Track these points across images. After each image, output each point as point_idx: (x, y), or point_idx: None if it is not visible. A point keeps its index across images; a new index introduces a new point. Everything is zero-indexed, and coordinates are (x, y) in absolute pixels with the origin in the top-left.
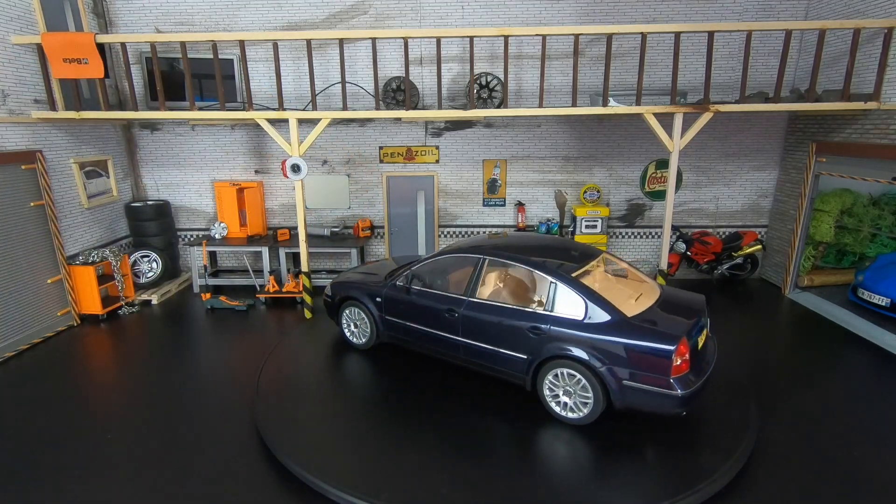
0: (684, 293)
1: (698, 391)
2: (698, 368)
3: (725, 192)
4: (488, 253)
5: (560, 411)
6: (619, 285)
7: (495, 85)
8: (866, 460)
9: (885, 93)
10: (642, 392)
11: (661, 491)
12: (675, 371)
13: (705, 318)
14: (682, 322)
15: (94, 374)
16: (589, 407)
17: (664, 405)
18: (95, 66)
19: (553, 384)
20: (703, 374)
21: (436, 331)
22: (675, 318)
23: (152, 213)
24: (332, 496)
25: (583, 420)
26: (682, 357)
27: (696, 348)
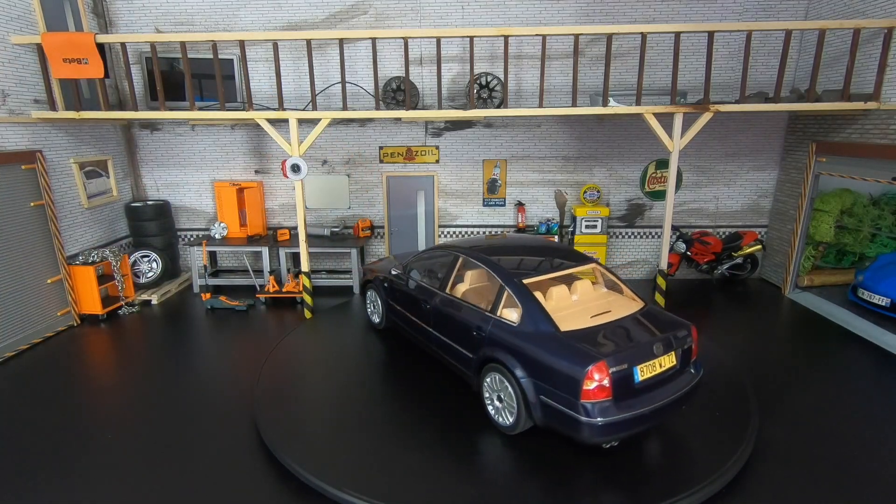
0: (669, 319)
1: (624, 424)
2: (632, 400)
3: (725, 192)
4: (464, 251)
5: (494, 415)
6: (588, 298)
7: (495, 85)
8: (866, 460)
9: (885, 93)
10: (554, 411)
11: (661, 491)
12: (586, 395)
13: (674, 347)
14: (620, 346)
15: (94, 375)
16: (513, 416)
17: (575, 430)
18: (95, 66)
19: (490, 387)
20: (641, 407)
21: (416, 319)
22: (619, 342)
23: (152, 213)
24: (331, 496)
25: (510, 429)
26: (597, 382)
27: (632, 377)
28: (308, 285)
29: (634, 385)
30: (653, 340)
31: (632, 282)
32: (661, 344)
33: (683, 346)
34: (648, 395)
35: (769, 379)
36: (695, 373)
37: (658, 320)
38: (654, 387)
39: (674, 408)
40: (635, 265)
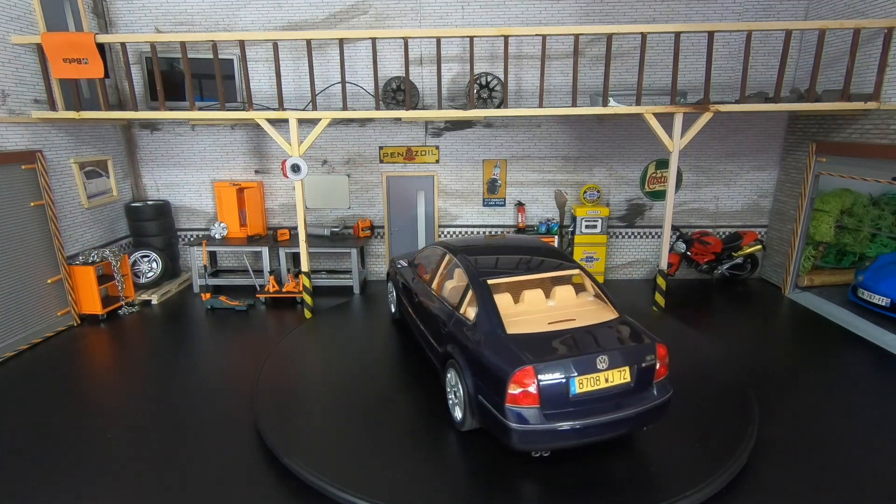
0: (634, 334)
1: (552, 435)
2: (565, 411)
3: (725, 192)
4: (451, 248)
5: (451, 408)
6: (563, 304)
7: (495, 85)
8: (866, 460)
9: (885, 93)
10: (488, 412)
11: (661, 491)
12: (512, 399)
13: (628, 363)
14: (558, 355)
15: (94, 375)
16: (461, 413)
17: (502, 435)
18: (95, 66)
19: (449, 381)
20: (575, 420)
21: (412, 311)
22: (561, 350)
23: (152, 213)
24: (331, 496)
25: (459, 424)
26: (523, 387)
27: (568, 388)
28: (308, 285)
29: (570, 397)
30: (599, 353)
31: (632, 282)
32: (608, 358)
33: (641, 364)
34: (586, 409)
35: (769, 379)
36: (657, 394)
37: (621, 334)
38: (595, 402)
39: (621, 427)
40: (635, 265)
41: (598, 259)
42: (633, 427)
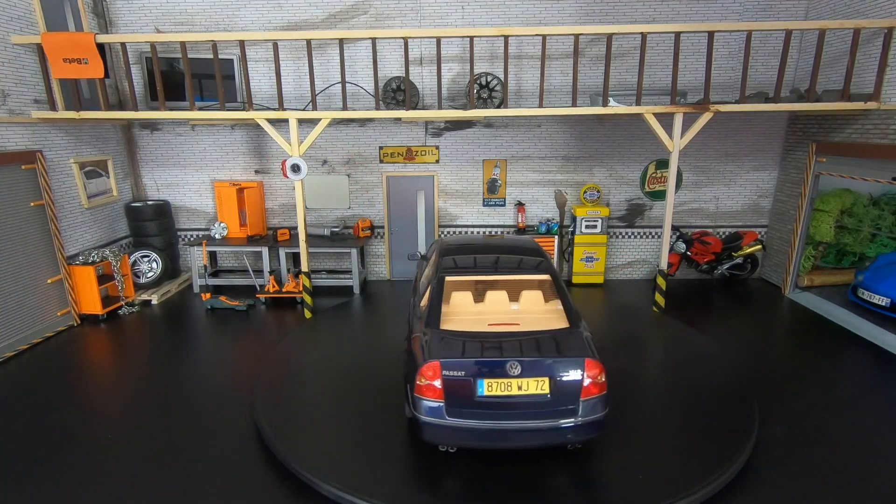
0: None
1: (456, 432)
2: (471, 411)
3: (725, 192)
4: (441, 244)
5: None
6: (521, 306)
7: (495, 85)
8: (866, 460)
9: (885, 93)
10: (408, 401)
11: (660, 491)
12: (418, 391)
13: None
14: (470, 354)
15: (94, 375)
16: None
17: (413, 424)
18: (95, 66)
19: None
20: (480, 421)
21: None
22: (476, 351)
23: (152, 213)
24: (331, 496)
25: (407, 412)
26: (428, 380)
27: (474, 389)
28: (308, 285)
29: (477, 397)
30: (512, 360)
31: (632, 282)
32: (521, 365)
33: (562, 377)
34: (494, 412)
35: (769, 379)
36: (581, 412)
37: (556, 345)
38: (504, 407)
39: (534, 438)
40: (635, 265)
41: (598, 259)
42: (550, 441)
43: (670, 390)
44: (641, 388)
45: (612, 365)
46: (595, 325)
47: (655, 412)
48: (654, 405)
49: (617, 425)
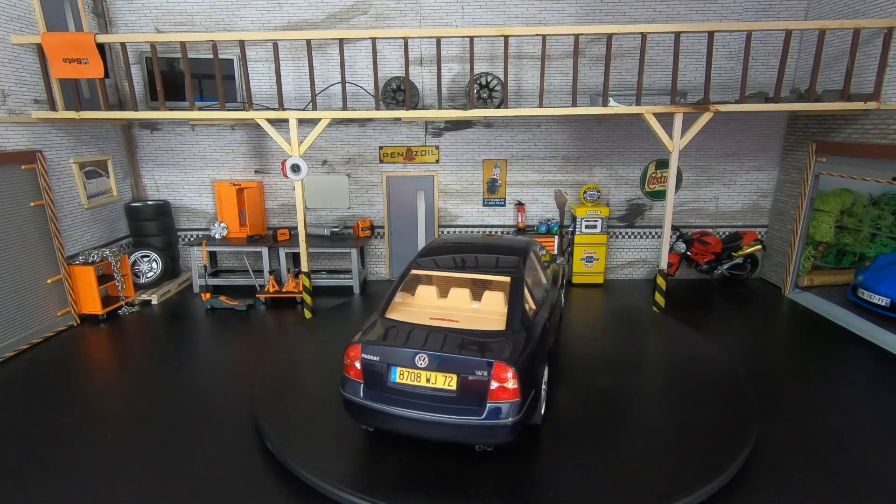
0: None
1: (370, 413)
2: (384, 395)
3: (725, 192)
4: (430, 242)
5: None
6: (481, 305)
7: (495, 85)
8: (866, 460)
9: (885, 93)
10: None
11: (660, 491)
12: (345, 369)
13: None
14: (387, 342)
15: (94, 375)
16: None
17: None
18: (95, 66)
19: None
20: (390, 406)
21: None
22: (396, 340)
23: (152, 213)
24: (331, 496)
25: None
26: (350, 360)
27: (388, 374)
28: (308, 285)
29: (389, 383)
30: (421, 352)
31: (632, 282)
32: (428, 358)
33: (469, 377)
34: (404, 400)
35: (769, 379)
36: (485, 415)
37: (477, 345)
38: (413, 396)
39: (442, 431)
40: (635, 265)
41: (598, 259)
42: (455, 438)
43: (670, 390)
44: (641, 387)
45: (612, 365)
46: (595, 325)
47: (655, 412)
48: (653, 405)
49: (617, 425)
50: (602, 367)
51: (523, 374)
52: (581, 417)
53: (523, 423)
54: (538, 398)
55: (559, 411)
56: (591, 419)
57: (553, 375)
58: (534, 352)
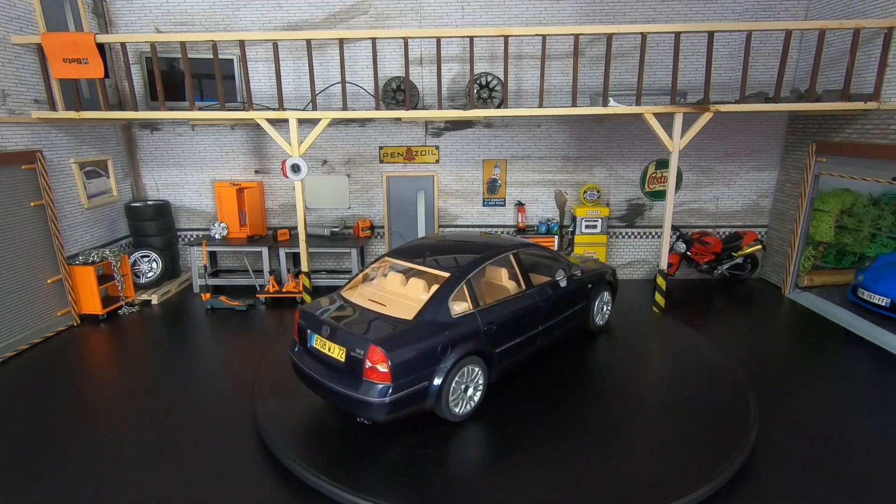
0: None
1: (298, 370)
2: (306, 357)
3: (725, 192)
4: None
5: None
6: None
7: (495, 85)
8: (866, 460)
9: (885, 93)
10: None
11: (661, 491)
12: (293, 329)
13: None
14: (315, 314)
15: (94, 375)
16: None
17: None
18: (95, 66)
19: None
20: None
21: None
22: (325, 314)
23: (152, 213)
24: (332, 495)
25: None
26: (294, 323)
27: (309, 339)
28: (308, 285)
29: (308, 345)
30: (327, 325)
31: (632, 282)
32: (329, 330)
33: (351, 352)
34: (314, 364)
35: (769, 379)
36: (359, 390)
37: (368, 325)
38: (319, 361)
39: (335, 399)
40: (635, 265)
41: (598, 259)
42: (342, 405)
43: (670, 390)
44: (641, 387)
45: (611, 365)
46: None
47: (655, 412)
48: (653, 405)
49: (616, 424)
50: (602, 366)
51: (400, 361)
52: (581, 417)
53: (404, 409)
54: (440, 391)
55: (559, 411)
56: (590, 419)
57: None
58: (436, 347)
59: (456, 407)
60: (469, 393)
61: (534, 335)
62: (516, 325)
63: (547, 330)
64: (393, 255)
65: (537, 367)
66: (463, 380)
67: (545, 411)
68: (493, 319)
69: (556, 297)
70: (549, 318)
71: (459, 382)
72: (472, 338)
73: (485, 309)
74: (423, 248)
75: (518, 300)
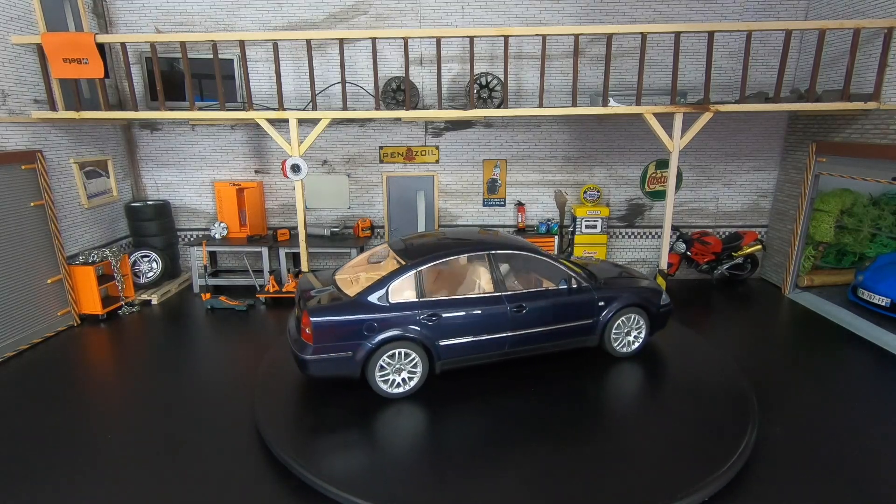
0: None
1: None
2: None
3: (725, 192)
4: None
5: None
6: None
7: (495, 85)
8: (866, 460)
9: (885, 93)
10: None
11: (661, 491)
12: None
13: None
14: (307, 283)
15: (94, 375)
16: None
17: None
18: (95, 66)
19: None
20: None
21: None
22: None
23: (152, 213)
24: (332, 496)
25: None
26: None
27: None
28: None
29: (296, 306)
30: (303, 296)
31: None
32: (299, 298)
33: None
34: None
35: (769, 379)
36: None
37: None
38: (296, 320)
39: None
40: (635, 265)
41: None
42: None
43: (669, 390)
44: (640, 387)
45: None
46: None
47: (655, 412)
48: (653, 405)
49: (615, 426)
50: (601, 366)
51: (322, 329)
52: (581, 417)
53: (328, 371)
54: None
55: (559, 411)
56: (590, 419)
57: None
58: (362, 323)
59: (385, 384)
60: (403, 376)
61: (498, 340)
62: (471, 326)
63: (521, 339)
64: (390, 247)
65: (533, 367)
66: (394, 361)
67: (545, 410)
68: (437, 312)
69: (537, 306)
70: (525, 328)
71: (390, 363)
72: (406, 324)
73: (430, 301)
74: (418, 243)
75: (477, 301)
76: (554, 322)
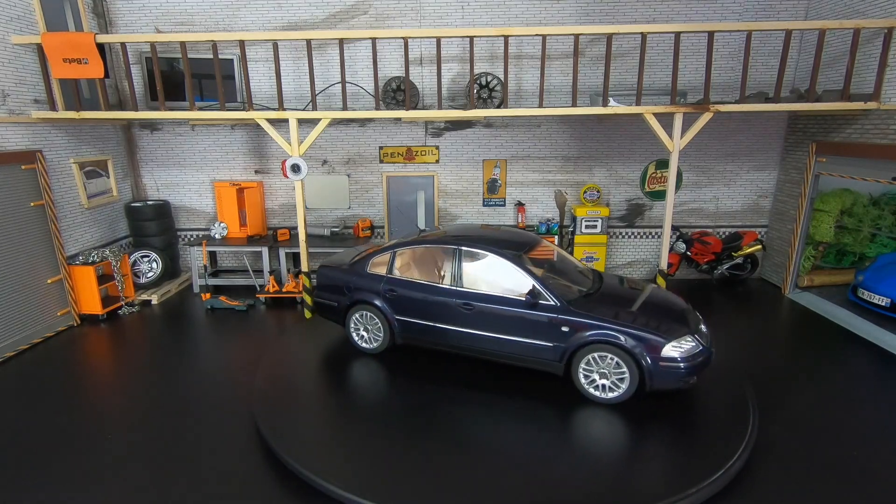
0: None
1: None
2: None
3: (725, 192)
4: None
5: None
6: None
7: (495, 85)
8: (866, 460)
9: (885, 93)
10: None
11: (660, 491)
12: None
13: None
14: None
15: (94, 375)
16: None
17: None
18: (95, 66)
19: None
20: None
21: None
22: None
23: (152, 213)
24: (332, 495)
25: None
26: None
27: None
28: (308, 285)
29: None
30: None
31: None
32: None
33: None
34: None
35: (769, 379)
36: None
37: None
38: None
39: None
40: (635, 265)
41: (598, 259)
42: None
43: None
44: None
45: None
46: None
47: (654, 412)
48: (652, 405)
49: (614, 426)
50: None
51: (322, 283)
52: (580, 416)
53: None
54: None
55: (559, 411)
56: (588, 420)
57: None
58: (344, 283)
59: (356, 336)
60: (362, 333)
61: (447, 332)
62: (422, 310)
63: (471, 338)
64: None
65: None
66: (362, 320)
67: (543, 411)
68: (395, 288)
69: (486, 309)
70: (474, 328)
71: (359, 320)
72: (369, 292)
73: (394, 278)
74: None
75: (429, 288)
76: (503, 332)
